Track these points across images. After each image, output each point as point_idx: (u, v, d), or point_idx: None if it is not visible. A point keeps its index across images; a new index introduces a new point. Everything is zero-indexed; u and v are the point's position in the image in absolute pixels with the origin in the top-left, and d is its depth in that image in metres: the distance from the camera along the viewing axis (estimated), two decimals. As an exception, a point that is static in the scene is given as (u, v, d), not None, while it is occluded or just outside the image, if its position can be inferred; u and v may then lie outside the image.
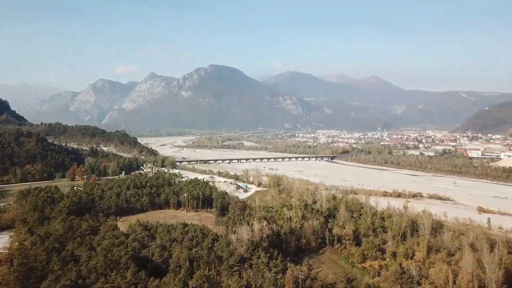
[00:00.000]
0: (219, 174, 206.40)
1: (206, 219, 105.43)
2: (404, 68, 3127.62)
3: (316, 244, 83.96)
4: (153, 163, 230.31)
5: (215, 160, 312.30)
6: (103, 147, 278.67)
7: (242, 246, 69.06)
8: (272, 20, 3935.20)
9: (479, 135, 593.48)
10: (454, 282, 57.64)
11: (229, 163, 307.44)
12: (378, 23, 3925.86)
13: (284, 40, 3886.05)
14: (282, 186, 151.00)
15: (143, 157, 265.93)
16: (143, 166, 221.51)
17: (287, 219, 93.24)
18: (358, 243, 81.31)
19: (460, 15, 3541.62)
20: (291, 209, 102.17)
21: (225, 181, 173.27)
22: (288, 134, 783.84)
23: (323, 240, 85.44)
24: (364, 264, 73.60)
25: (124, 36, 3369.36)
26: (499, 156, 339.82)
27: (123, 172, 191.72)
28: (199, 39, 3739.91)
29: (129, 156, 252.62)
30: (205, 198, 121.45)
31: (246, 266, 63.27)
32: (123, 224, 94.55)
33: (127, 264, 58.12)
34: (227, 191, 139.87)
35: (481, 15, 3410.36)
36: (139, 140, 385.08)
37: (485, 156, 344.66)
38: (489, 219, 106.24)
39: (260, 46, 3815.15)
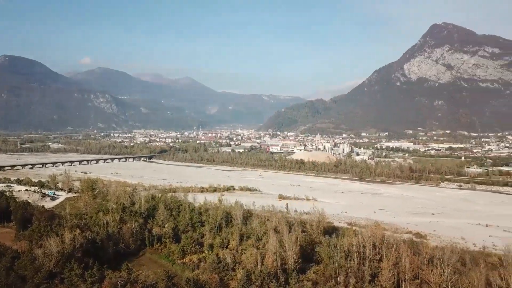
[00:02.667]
0: (19, 182, 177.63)
1: (3, 235, 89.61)
2: (215, 71, 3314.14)
3: (135, 246, 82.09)
4: None
5: (13, 166, 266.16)
6: None
7: (51, 260, 61.96)
8: (77, 9, 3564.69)
9: (277, 132, 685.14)
10: (262, 263, 65.44)
11: (31, 168, 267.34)
12: (187, 25, 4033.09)
13: (93, 33, 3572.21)
14: (97, 190, 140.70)
15: None
16: None
17: (104, 224, 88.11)
18: (178, 240, 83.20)
19: (254, 27, 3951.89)
20: (108, 213, 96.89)
21: (26, 190, 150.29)
22: (102, 134, 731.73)
23: (143, 242, 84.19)
24: (184, 259, 76.00)
25: None
26: (293, 150, 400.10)
27: None
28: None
29: None
30: (1, 211, 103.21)
31: (56, 281, 57.18)
32: None
33: None
34: (29, 200, 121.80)
35: (275, 30, 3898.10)
36: None
37: (282, 151, 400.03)
38: (287, 205, 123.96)
39: (64, 37, 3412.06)
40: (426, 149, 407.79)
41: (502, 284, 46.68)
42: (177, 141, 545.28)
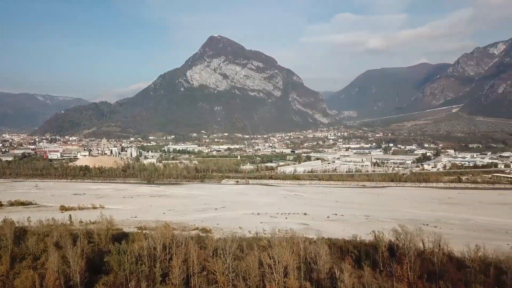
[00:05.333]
0: None
1: None
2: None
3: None
4: None
5: None
6: None
7: None
8: None
9: (57, 137, 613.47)
10: (41, 285, 58.67)
11: None
12: None
13: None
14: None
15: None
16: None
17: None
18: None
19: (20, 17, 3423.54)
20: None
21: None
22: None
23: None
24: None
25: None
26: (77, 156, 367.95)
27: None
28: None
29: None
30: None
31: None
32: None
33: None
34: None
35: (47, 22, 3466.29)
36: None
37: (64, 157, 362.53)
38: (70, 216, 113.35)
39: None
40: (209, 150, 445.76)
41: (270, 262, 56.67)
42: None
